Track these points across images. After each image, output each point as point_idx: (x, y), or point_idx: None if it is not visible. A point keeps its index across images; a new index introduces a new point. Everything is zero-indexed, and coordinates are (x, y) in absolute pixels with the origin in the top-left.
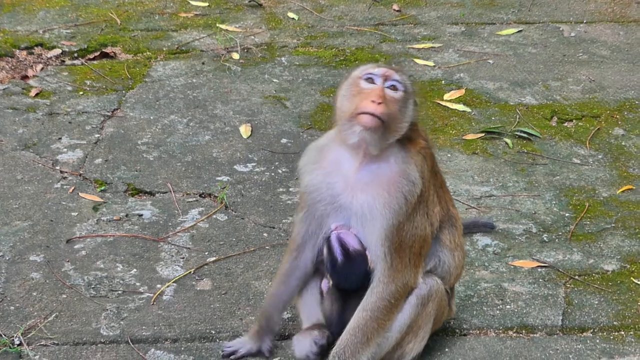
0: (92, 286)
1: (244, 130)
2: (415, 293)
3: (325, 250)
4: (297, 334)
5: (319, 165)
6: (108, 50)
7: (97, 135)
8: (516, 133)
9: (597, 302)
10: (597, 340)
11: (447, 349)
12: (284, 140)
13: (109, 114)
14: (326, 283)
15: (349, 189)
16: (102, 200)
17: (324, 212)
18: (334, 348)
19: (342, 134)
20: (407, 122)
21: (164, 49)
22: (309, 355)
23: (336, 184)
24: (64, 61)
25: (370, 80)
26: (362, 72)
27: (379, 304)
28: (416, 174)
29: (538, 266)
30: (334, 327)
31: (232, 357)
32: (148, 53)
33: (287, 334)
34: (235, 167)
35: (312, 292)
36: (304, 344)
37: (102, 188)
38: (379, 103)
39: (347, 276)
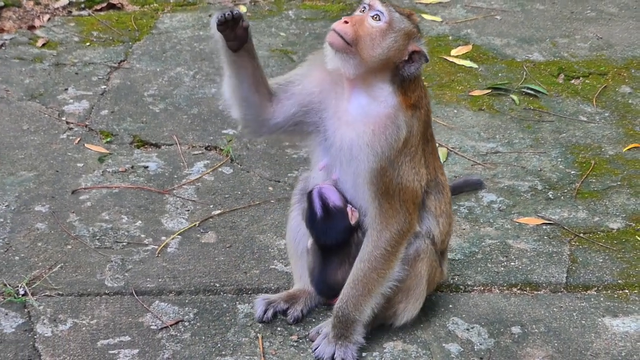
0: (97, 237)
1: None
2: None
3: (306, 205)
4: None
5: (318, 74)
6: (115, 1)
7: (103, 87)
8: (523, 90)
9: (601, 260)
10: (602, 299)
11: (450, 305)
12: None
13: (115, 65)
14: (311, 240)
15: (337, 119)
16: (107, 151)
17: (314, 125)
18: (336, 303)
19: None
20: (381, 54)
21: (171, 1)
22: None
23: (327, 109)
24: (71, 12)
25: (363, 9)
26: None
27: (375, 253)
28: (403, 120)
29: (543, 223)
30: (314, 283)
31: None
32: (155, 5)
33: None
34: None
35: (302, 253)
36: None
37: (108, 139)
38: (345, 22)
39: (326, 231)
